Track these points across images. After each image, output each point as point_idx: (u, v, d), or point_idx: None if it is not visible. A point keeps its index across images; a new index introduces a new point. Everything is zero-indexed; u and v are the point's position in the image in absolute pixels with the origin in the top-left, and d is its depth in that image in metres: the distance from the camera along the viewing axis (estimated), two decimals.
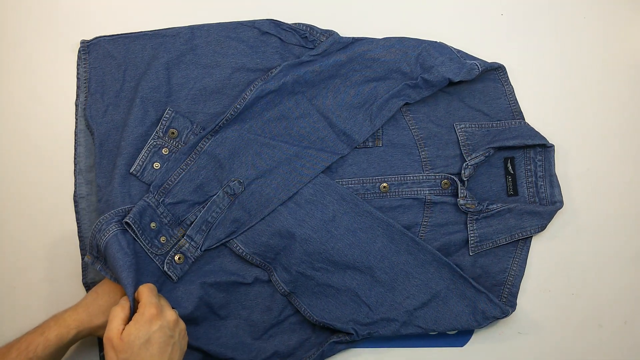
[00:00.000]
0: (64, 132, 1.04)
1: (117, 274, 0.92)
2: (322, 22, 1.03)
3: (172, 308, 0.90)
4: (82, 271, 1.03)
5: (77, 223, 1.04)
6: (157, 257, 0.99)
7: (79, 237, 1.04)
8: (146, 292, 0.88)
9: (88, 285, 1.03)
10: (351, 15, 1.06)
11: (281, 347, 1.02)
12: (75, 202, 1.04)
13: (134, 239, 0.97)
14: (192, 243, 1.00)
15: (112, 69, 1.03)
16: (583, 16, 1.06)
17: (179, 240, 1.00)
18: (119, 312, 0.86)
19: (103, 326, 0.90)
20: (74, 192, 1.04)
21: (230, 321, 1.02)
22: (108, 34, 1.04)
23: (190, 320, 0.99)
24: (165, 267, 0.99)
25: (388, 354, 1.04)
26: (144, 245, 0.98)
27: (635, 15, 1.06)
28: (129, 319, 0.86)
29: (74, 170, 1.05)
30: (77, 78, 1.04)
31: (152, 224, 0.98)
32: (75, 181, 1.05)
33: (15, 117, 1.05)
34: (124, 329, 0.83)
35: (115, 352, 0.82)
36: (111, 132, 1.02)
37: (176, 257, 0.99)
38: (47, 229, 1.04)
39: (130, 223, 0.96)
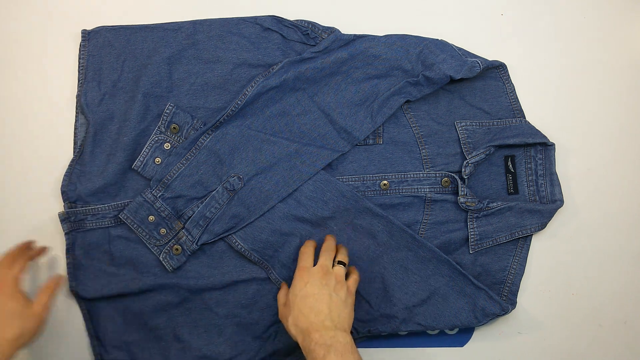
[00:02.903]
0: (63, 127, 1.04)
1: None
2: (323, 19, 1.03)
3: (340, 263, 0.94)
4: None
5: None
6: (156, 248, 1.00)
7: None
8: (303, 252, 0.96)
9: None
10: (353, 12, 1.06)
11: (281, 346, 1.02)
12: None
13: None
14: (189, 237, 1.00)
15: (110, 58, 1.03)
16: (583, 16, 1.06)
17: (178, 232, 1.00)
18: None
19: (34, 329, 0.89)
20: None
21: (230, 320, 1.02)
22: (110, 24, 1.04)
23: (185, 312, 1.01)
24: (161, 256, 1.00)
25: (388, 354, 1.04)
26: (142, 237, 1.00)
27: (635, 15, 1.06)
28: None
29: None
30: (79, 72, 1.04)
31: (150, 217, 1.00)
32: None
33: (13, 114, 1.05)
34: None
35: (287, 309, 0.92)
36: (106, 121, 1.02)
37: (174, 248, 1.00)
38: (47, 227, 1.04)
39: (124, 219, 1.00)
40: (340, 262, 0.94)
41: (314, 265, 0.93)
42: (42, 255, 0.98)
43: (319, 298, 0.88)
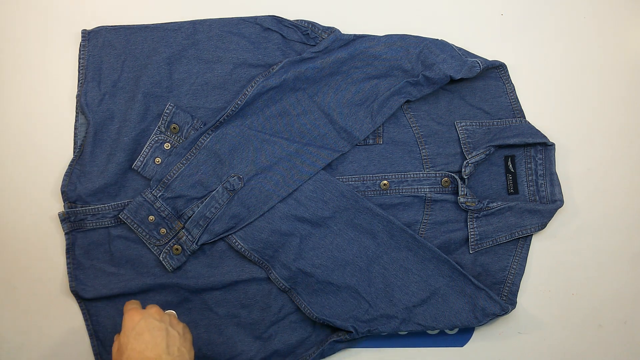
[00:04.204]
0: (63, 127, 1.04)
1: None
2: (323, 19, 1.04)
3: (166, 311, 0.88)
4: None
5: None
6: (156, 248, 1.01)
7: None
8: (126, 305, 0.87)
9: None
10: (353, 12, 1.06)
11: (281, 345, 1.02)
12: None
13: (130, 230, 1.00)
14: (189, 237, 1.00)
15: (110, 58, 1.03)
16: (583, 16, 1.06)
17: (178, 232, 1.00)
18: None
19: None
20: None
21: (230, 320, 1.02)
22: (110, 24, 1.04)
23: (185, 312, 1.01)
24: (161, 256, 1.00)
25: (388, 354, 1.04)
26: (142, 237, 1.00)
27: (635, 15, 1.06)
28: None
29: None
30: (79, 72, 1.04)
31: (150, 217, 1.00)
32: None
33: (13, 114, 1.05)
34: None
35: (119, 354, 0.82)
36: (106, 121, 1.02)
37: (174, 248, 1.00)
38: (47, 227, 1.04)
39: (124, 219, 1.00)
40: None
41: None
42: None
43: (155, 333, 0.80)
